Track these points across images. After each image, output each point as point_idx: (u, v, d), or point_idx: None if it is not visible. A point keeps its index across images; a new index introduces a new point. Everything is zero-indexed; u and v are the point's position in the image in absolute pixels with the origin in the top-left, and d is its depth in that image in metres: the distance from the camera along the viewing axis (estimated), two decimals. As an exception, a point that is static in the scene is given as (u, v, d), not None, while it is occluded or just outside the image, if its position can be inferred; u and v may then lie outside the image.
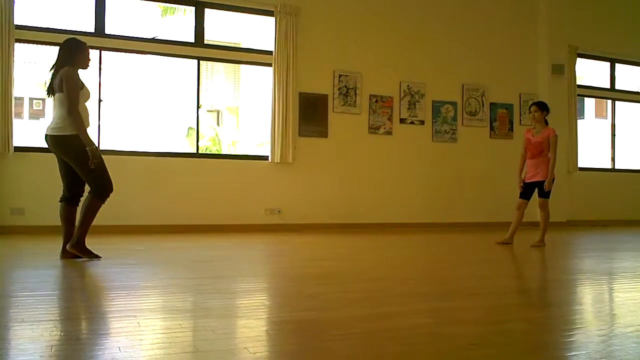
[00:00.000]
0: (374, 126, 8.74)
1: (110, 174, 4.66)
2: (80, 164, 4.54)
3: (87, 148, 4.49)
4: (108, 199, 4.70)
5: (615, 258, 6.01)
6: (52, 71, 4.65)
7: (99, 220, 4.68)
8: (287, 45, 8.08)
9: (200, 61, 8.10)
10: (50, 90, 4.65)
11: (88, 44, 4.84)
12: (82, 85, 4.63)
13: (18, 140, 7.00)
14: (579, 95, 10.38)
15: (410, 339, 2.49)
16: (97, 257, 4.59)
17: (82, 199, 4.71)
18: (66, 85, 4.48)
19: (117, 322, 2.72)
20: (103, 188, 4.59)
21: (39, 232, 6.64)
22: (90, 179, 4.56)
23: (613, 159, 10.89)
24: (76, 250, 4.53)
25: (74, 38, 4.84)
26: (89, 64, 4.80)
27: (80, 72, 4.69)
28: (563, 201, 9.18)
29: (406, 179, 8.90)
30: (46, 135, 4.61)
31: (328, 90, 8.46)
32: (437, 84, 9.16)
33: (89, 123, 4.68)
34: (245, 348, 2.31)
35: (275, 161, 8.03)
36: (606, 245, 7.23)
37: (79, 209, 4.68)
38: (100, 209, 4.71)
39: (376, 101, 8.75)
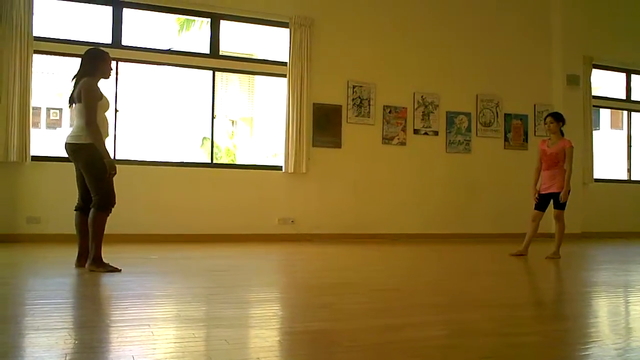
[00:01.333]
0: (387, 137, 8.74)
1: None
2: (90, 173, 4.57)
3: (105, 160, 4.53)
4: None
5: (632, 270, 5.94)
6: (74, 81, 4.71)
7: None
8: (302, 56, 8.12)
9: (216, 72, 8.16)
10: (71, 100, 4.71)
11: (104, 55, 4.90)
12: (102, 96, 4.66)
13: (35, 150, 7.08)
14: (594, 106, 10.30)
15: (422, 351, 2.48)
16: (116, 270, 4.57)
17: None
18: (85, 96, 4.52)
19: (131, 331, 2.74)
20: (107, 199, 4.59)
21: (54, 240, 6.70)
22: (98, 188, 4.56)
23: (629, 170, 10.78)
24: (95, 268, 4.52)
25: (96, 47, 4.89)
26: (111, 74, 4.85)
27: (100, 82, 4.74)
28: (578, 212, 9.09)
29: (420, 190, 8.88)
30: (65, 143, 4.66)
31: (342, 101, 8.48)
32: (451, 94, 9.15)
33: (107, 133, 4.71)
34: (258, 358, 2.32)
35: (289, 171, 8.05)
36: (622, 258, 7.15)
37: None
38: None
39: (390, 112, 8.76)
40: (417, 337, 2.72)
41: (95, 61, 4.69)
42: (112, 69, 4.85)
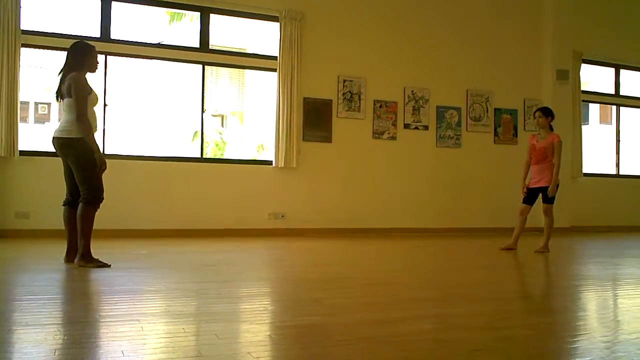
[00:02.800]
0: (378, 131, 8.75)
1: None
2: (80, 168, 4.54)
3: (95, 155, 4.50)
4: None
5: (620, 264, 5.99)
6: (61, 75, 4.67)
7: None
8: (292, 51, 8.09)
9: (205, 66, 8.12)
10: (59, 95, 4.67)
11: (93, 49, 4.86)
12: (90, 90, 4.63)
13: (23, 145, 7.02)
14: (583, 101, 10.36)
15: (413, 345, 2.49)
16: (106, 265, 4.54)
17: None
18: (74, 91, 4.49)
19: (121, 326, 2.73)
20: (96, 194, 4.56)
21: (43, 235, 6.66)
22: (87, 183, 4.53)
23: (617, 165, 10.86)
24: (84, 263, 4.50)
25: (82, 41, 4.86)
26: (97, 68, 4.81)
27: (87, 76, 4.70)
28: (567, 207, 9.15)
29: (410, 184, 8.90)
30: (53, 138, 4.63)
31: (332, 96, 8.47)
32: (442, 89, 9.16)
33: (96, 127, 4.68)
34: (248, 353, 2.32)
35: (279, 166, 8.03)
36: (610, 251, 7.20)
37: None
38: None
39: (380, 106, 8.76)
40: (408, 331, 2.73)
41: (81, 55, 4.66)
42: (98, 63, 4.81)
